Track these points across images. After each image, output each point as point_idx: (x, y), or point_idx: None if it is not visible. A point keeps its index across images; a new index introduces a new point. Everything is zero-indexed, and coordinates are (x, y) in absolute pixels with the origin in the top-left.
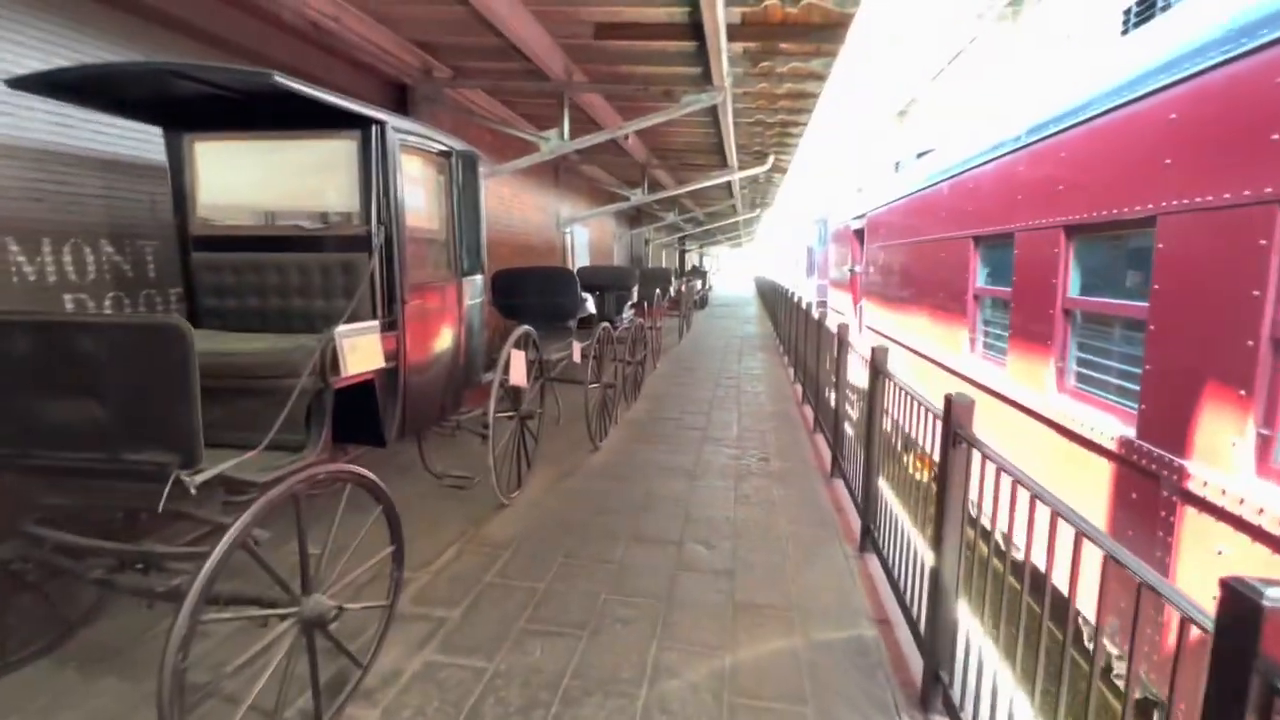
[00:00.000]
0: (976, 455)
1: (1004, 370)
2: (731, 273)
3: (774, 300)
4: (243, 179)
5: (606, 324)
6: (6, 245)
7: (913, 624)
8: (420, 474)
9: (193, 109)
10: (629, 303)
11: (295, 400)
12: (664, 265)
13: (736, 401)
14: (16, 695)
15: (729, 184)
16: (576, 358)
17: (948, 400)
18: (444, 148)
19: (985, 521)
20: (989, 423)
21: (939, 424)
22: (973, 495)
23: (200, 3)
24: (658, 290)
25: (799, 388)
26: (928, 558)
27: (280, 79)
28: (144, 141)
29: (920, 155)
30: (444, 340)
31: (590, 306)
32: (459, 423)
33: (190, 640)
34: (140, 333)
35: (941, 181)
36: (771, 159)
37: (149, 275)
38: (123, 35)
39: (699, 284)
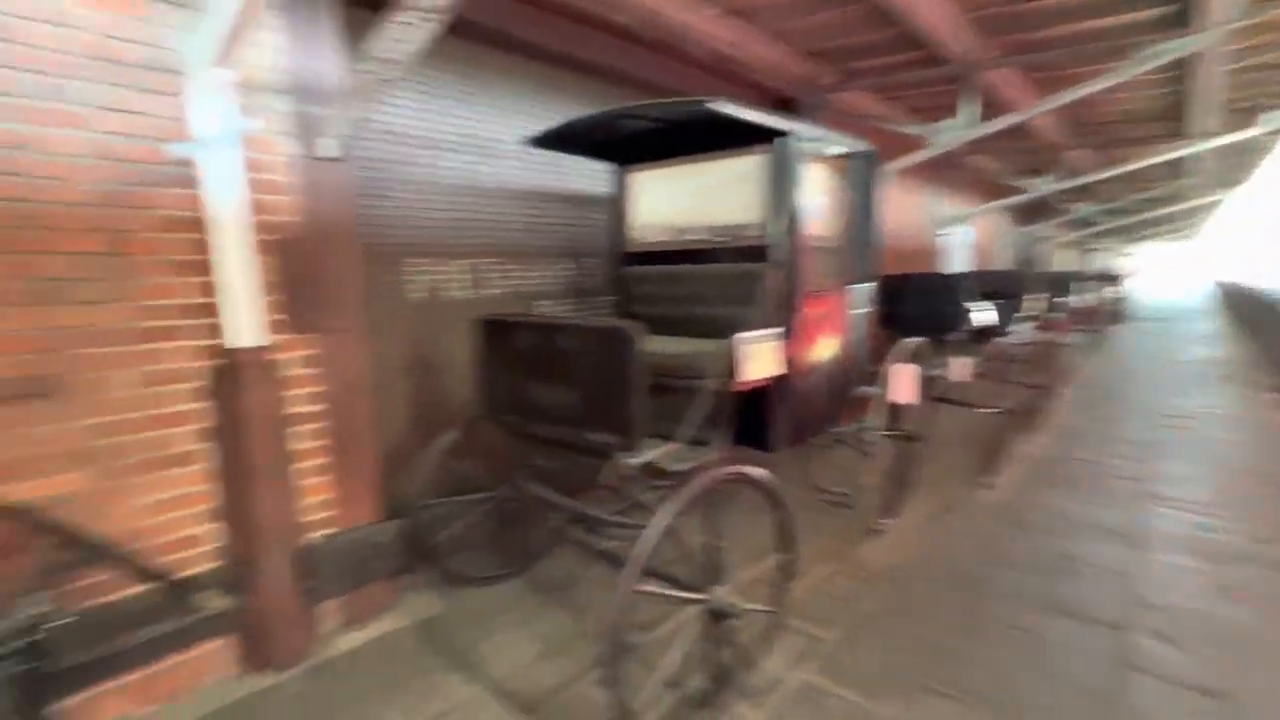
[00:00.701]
0: None
1: None
2: (1167, 275)
3: (1257, 314)
4: (664, 200)
5: (998, 338)
6: (507, 265)
7: None
8: (791, 482)
9: (630, 144)
10: (1020, 313)
11: (706, 400)
12: (1065, 268)
13: (1195, 449)
14: (499, 603)
15: (1178, 160)
16: (956, 375)
17: None
18: (844, 150)
19: None
20: None
21: None
22: None
23: (628, 53)
24: (1058, 298)
25: None
26: None
27: (713, 105)
28: (586, 177)
29: None
30: (832, 350)
31: (983, 317)
32: (840, 436)
33: (631, 606)
34: (600, 334)
35: None
36: None
37: (593, 286)
38: (576, 90)
39: (1115, 290)
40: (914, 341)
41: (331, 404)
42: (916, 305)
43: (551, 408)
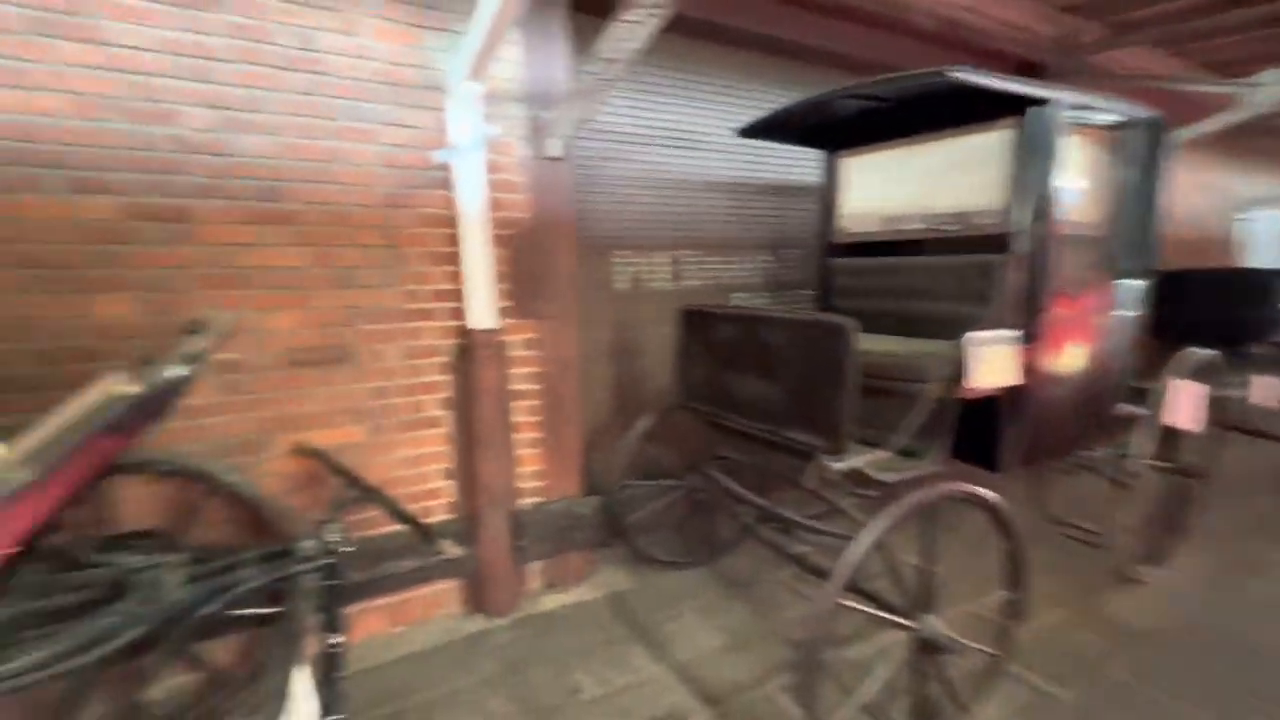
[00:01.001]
0: None
1: None
2: None
3: None
4: (879, 186)
5: None
6: (706, 257)
7: None
8: (1021, 509)
9: (844, 128)
10: None
11: (925, 407)
12: None
13: None
14: (685, 588)
15: None
16: (1259, 399)
17: None
18: (1117, 119)
19: None
20: None
21: None
22: None
23: (838, 32)
24: None
25: None
26: None
27: (955, 74)
28: (788, 166)
29: None
30: (1086, 358)
31: None
32: (1090, 462)
33: (832, 619)
34: (812, 329)
35: None
36: None
37: (792, 278)
38: (781, 77)
39: None
40: (1201, 353)
41: (545, 384)
42: (1206, 308)
43: (752, 402)
